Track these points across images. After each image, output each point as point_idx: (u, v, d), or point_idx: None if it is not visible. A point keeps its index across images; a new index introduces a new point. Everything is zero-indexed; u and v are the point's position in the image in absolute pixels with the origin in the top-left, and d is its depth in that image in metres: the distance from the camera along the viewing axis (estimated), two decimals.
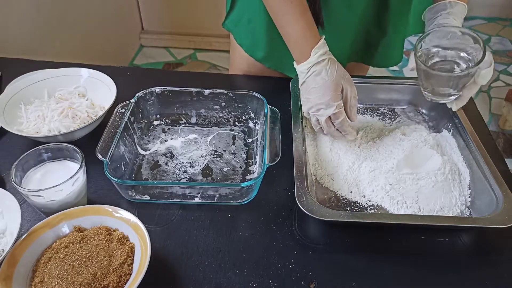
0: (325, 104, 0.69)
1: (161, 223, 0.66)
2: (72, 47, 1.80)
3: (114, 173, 0.66)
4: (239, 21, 0.92)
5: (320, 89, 0.69)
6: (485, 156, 0.70)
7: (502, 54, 2.59)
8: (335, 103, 0.69)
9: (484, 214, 0.64)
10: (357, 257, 0.62)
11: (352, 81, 0.71)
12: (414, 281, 0.60)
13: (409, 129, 0.79)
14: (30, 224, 0.64)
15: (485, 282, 0.59)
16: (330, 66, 0.69)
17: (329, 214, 0.60)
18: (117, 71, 0.97)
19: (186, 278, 0.58)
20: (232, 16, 0.94)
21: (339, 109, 0.69)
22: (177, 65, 2.46)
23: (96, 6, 1.98)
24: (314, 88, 0.70)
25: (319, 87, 0.69)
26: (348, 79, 0.70)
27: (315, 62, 0.69)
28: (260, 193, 0.69)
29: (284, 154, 0.70)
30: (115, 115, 0.75)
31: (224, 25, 0.96)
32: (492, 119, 2.12)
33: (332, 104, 0.69)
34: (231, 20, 0.94)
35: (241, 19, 0.92)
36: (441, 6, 0.76)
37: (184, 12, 2.44)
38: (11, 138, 0.79)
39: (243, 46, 0.94)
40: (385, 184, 0.69)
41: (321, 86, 0.69)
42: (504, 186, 0.64)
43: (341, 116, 0.70)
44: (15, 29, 1.46)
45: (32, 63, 0.98)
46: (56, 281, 0.52)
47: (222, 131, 0.83)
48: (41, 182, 0.63)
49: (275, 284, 0.58)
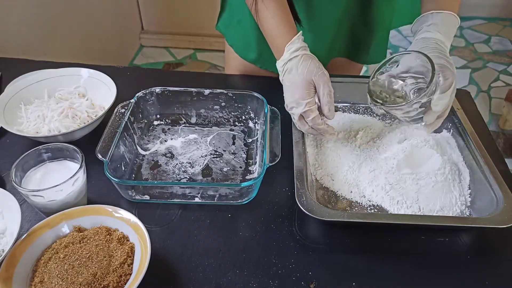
0: (295, 102, 0.68)
1: (161, 223, 0.66)
2: (72, 47, 1.80)
3: (114, 173, 0.66)
4: (229, 22, 0.93)
5: (291, 87, 0.69)
6: (485, 156, 0.70)
7: (502, 54, 2.59)
8: (304, 101, 0.67)
9: (484, 214, 0.64)
10: (357, 257, 0.62)
11: (326, 78, 0.68)
12: (414, 281, 0.60)
13: (409, 129, 0.79)
14: (30, 224, 0.64)
15: (485, 282, 0.59)
16: (302, 62, 0.67)
17: (329, 214, 0.60)
18: (117, 71, 0.97)
19: (186, 278, 0.58)
20: (223, 18, 0.94)
21: (309, 107, 0.67)
22: (177, 65, 2.46)
23: (96, 6, 1.98)
24: (287, 86, 0.70)
25: (290, 85, 0.69)
26: (321, 75, 0.67)
27: (288, 59, 0.68)
28: (260, 193, 0.69)
29: (284, 154, 0.70)
30: (115, 115, 0.75)
31: (217, 27, 0.97)
32: (492, 119, 2.12)
33: (301, 103, 0.67)
34: (222, 22, 0.95)
35: (231, 20, 0.92)
36: (424, 18, 0.73)
37: (184, 12, 2.44)
38: (11, 138, 0.79)
39: (234, 48, 0.94)
40: (385, 184, 0.69)
41: (292, 84, 0.68)
42: (504, 186, 0.64)
43: (311, 114, 0.68)
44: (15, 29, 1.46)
45: (32, 63, 0.98)
46: (56, 281, 0.52)
47: (222, 131, 0.83)
48: (41, 182, 0.63)
49: (275, 284, 0.58)
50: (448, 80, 0.64)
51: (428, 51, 0.67)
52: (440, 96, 0.65)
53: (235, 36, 0.93)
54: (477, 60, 2.53)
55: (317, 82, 0.67)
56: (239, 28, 0.90)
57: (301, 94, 0.67)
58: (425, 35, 0.71)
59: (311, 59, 0.68)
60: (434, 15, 0.71)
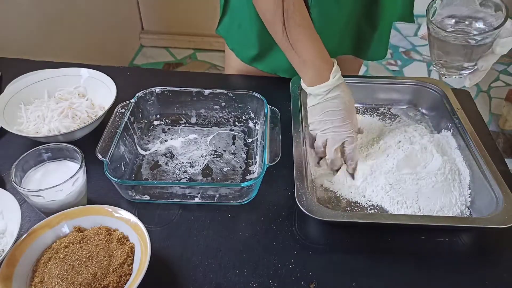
0: (345, 128, 0.69)
1: (161, 223, 0.66)
2: (72, 47, 1.80)
3: (114, 173, 0.66)
4: (230, 26, 0.93)
5: (341, 112, 0.69)
6: (485, 156, 0.70)
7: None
8: (355, 128, 0.70)
9: (484, 214, 0.64)
10: (357, 257, 0.62)
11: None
12: (414, 281, 0.60)
13: (409, 129, 0.79)
14: (30, 224, 0.64)
15: (485, 282, 0.59)
16: (348, 90, 0.69)
17: (329, 214, 0.60)
18: (117, 71, 0.97)
19: (186, 278, 0.58)
20: (224, 21, 0.94)
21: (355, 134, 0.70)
22: (177, 65, 2.46)
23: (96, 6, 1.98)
24: (334, 111, 0.69)
25: (340, 110, 0.68)
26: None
27: (335, 85, 0.68)
28: (260, 193, 0.69)
29: (284, 154, 0.69)
30: (115, 115, 0.75)
31: (217, 31, 0.97)
32: (492, 119, 2.12)
33: (350, 129, 0.69)
34: (223, 26, 0.95)
35: (232, 24, 0.92)
36: None
37: (184, 12, 2.44)
38: (11, 138, 0.79)
39: (235, 51, 0.94)
40: (385, 184, 0.69)
41: (343, 110, 0.68)
42: (504, 186, 0.64)
43: (354, 141, 0.70)
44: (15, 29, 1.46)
45: (32, 63, 0.98)
46: (56, 281, 0.52)
47: (222, 131, 0.83)
48: (41, 182, 0.63)
49: (275, 284, 0.58)
50: (510, 26, 0.63)
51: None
52: (507, 40, 0.64)
53: (236, 39, 0.93)
54: None
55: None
56: (240, 32, 0.91)
57: (353, 119, 0.70)
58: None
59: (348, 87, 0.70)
60: None
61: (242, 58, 0.94)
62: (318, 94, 0.69)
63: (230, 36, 0.94)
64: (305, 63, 0.69)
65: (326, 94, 0.69)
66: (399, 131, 0.78)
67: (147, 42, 2.56)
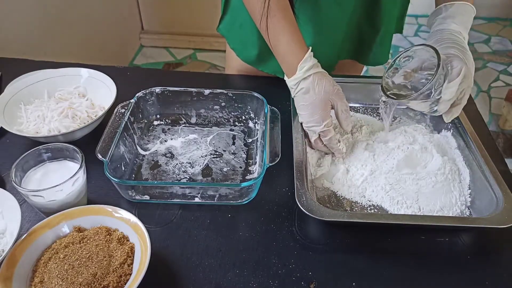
0: (314, 122, 0.70)
1: (161, 223, 0.66)
2: (72, 47, 1.80)
3: (114, 173, 0.66)
4: (231, 26, 0.93)
5: (309, 107, 0.69)
6: (485, 156, 0.70)
7: (502, 54, 2.60)
8: (324, 122, 0.69)
9: (484, 214, 0.64)
10: (357, 257, 0.62)
11: (341, 94, 0.70)
12: (414, 281, 0.60)
13: (409, 129, 0.79)
14: (30, 224, 0.64)
15: (485, 282, 0.59)
16: (318, 82, 0.68)
17: (329, 214, 0.60)
18: (117, 71, 0.97)
19: (186, 278, 0.58)
20: (225, 21, 0.94)
21: (328, 128, 0.70)
22: (177, 65, 2.46)
23: (96, 6, 1.98)
24: (303, 105, 0.70)
25: (308, 104, 0.69)
26: (337, 93, 0.69)
27: (302, 78, 0.68)
28: (260, 193, 0.69)
29: (284, 154, 0.70)
30: (115, 115, 0.75)
31: (218, 30, 0.97)
32: (492, 119, 2.12)
33: (321, 123, 0.69)
34: (224, 25, 0.95)
35: (233, 24, 0.92)
36: (437, 11, 0.74)
37: (184, 12, 2.44)
38: (11, 138, 0.79)
39: (236, 51, 0.94)
40: (385, 184, 0.69)
41: (309, 104, 0.69)
42: (504, 186, 0.64)
43: (329, 134, 0.70)
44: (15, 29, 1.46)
45: (32, 63, 0.98)
46: (56, 281, 0.52)
47: (222, 131, 0.83)
48: (41, 182, 0.63)
49: (275, 284, 0.58)
50: (455, 69, 0.65)
51: (442, 43, 0.68)
52: (448, 85, 0.65)
53: (237, 39, 0.93)
54: (477, 60, 2.53)
55: (334, 100, 0.69)
56: (241, 32, 0.91)
57: (321, 114, 0.69)
58: (439, 27, 0.72)
59: (325, 78, 0.69)
60: (448, 7, 0.72)
61: (243, 58, 0.94)
62: (291, 88, 0.71)
63: (232, 36, 0.94)
64: (277, 55, 0.70)
65: (296, 88, 0.69)
66: (399, 131, 0.78)
67: (147, 42, 2.57)
